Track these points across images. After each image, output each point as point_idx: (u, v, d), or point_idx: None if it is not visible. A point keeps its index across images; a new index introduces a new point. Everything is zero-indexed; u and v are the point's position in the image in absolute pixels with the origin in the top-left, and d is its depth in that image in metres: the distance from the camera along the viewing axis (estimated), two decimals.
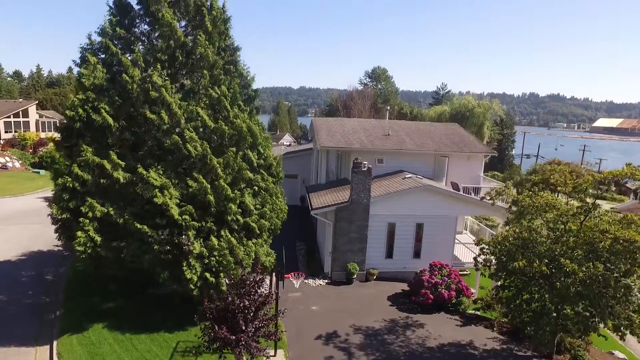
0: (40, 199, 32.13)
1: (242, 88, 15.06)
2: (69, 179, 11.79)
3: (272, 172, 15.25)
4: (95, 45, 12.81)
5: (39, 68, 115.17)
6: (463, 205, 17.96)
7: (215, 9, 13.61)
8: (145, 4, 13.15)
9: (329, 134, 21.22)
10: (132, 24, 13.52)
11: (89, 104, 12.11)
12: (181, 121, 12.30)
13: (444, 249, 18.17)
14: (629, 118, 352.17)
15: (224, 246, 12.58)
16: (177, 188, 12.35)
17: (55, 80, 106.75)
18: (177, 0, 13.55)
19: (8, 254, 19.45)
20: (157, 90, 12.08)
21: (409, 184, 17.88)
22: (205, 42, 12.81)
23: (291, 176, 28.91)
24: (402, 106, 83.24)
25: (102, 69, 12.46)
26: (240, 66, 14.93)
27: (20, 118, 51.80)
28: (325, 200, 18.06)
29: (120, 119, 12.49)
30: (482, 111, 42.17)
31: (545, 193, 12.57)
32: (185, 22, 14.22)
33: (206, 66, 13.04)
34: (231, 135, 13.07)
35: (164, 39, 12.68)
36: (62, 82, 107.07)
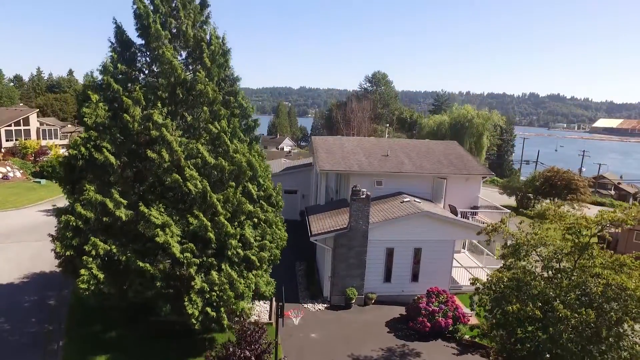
0: (42, 212, 32.32)
1: (242, 118, 15.27)
2: (72, 218, 11.99)
3: (272, 202, 15.47)
4: (97, 82, 13.00)
5: (39, 71, 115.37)
6: (460, 230, 18.16)
7: (214, 44, 13.80)
8: (146, 39, 13.37)
9: (328, 155, 21.41)
10: (134, 58, 13.72)
11: (91, 142, 12.32)
12: (181, 158, 12.49)
13: (442, 272, 18.39)
14: (629, 118, 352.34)
15: (224, 281, 12.78)
16: (178, 225, 12.55)
17: (55, 83, 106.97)
18: (177, 35, 13.81)
19: (11, 276, 19.65)
20: (158, 129, 12.28)
21: (407, 209, 18.08)
22: (205, 78, 13.00)
23: (291, 191, 29.15)
24: (402, 110, 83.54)
25: (103, 106, 12.65)
26: (240, 96, 15.14)
27: (21, 126, 52.00)
28: (325, 225, 18.26)
29: (121, 155, 12.70)
30: (481, 122, 42.33)
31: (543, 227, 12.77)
32: (186, 54, 14.45)
33: (206, 102, 13.23)
34: (231, 170, 13.27)
35: (164, 75, 12.87)
36: (63, 85, 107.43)
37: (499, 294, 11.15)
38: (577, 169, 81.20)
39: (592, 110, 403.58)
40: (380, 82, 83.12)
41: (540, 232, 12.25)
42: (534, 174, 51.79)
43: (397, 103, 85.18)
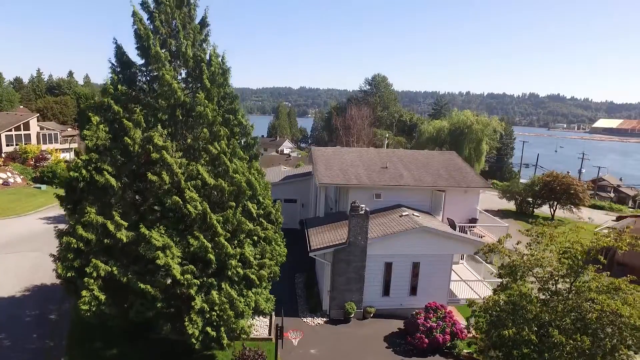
0: (42, 220, 32.44)
1: (242, 136, 15.39)
2: (73, 240, 12.10)
3: (272, 219, 15.59)
4: (97, 104, 13.12)
5: (39, 72, 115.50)
6: (458, 244, 18.29)
7: (214, 64, 13.90)
8: (146, 59, 13.48)
9: (328, 167, 21.53)
10: (134, 79, 13.83)
11: (92, 165, 12.43)
12: (182, 180, 12.60)
13: (440, 286, 18.52)
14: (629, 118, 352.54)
15: (224, 300, 12.90)
16: (179, 246, 12.66)
17: (55, 85, 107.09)
18: (177, 54, 13.92)
19: (12, 289, 19.77)
20: (158, 152, 12.39)
21: (406, 223, 18.20)
22: (204, 100, 13.10)
23: (290, 200, 29.28)
24: (401, 113, 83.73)
25: (104, 127, 12.76)
26: (240, 114, 15.25)
27: (21, 131, 52.15)
28: (324, 240, 18.38)
29: (122, 176, 12.81)
30: (480, 127, 42.43)
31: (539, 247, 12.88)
32: (185, 73, 14.55)
33: (205, 123, 13.34)
34: (231, 191, 13.38)
35: (164, 97, 12.98)
36: (63, 86, 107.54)
37: (494, 317, 11.27)
38: (577, 170, 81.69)
39: (592, 110, 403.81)
40: (380, 84, 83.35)
41: (536, 254, 12.38)
42: (533, 179, 51.95)
43: (397, 106, 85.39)
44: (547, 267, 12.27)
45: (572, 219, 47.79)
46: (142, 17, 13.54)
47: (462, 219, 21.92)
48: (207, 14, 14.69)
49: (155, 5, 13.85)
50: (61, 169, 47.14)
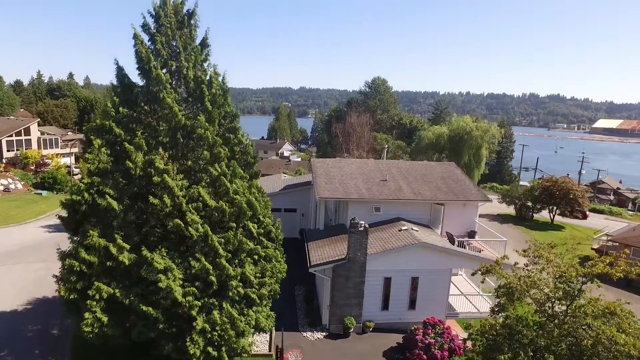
0: (44, 228, 32.58)
1: (242, 155, 15.54)
2: (76, 263, 12.26)
3: (272, 237, 15.75)
4: (99, 126, 13.26)
5: (39, 74, 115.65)
6: (457, 259, 18.44)
7: (214, 86, 14.04)
8: (148, 80, 13.63)
9: (327, 181, 21.66)
10: (135, 100, 13.96)
11: (94, 188, 12.58)
12: (183, 203, 12.74)
13: (439, 300, 18.67)
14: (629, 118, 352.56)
15: (225, 320, 13.07)
16: (180, 267, 12.81)
17: (55, 87, 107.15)
18: (178, 76, 14.06)
19: (14, 303, 19.92)
20: (160, 175, 12.54)
21: (405, 239, 18.35)
22: (205, 123, 13.26)
23: (290, 210, 29.43)
24: (401, 116, 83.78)
25: (105, 150, 12.92)
26: (240, 134, 15.40)
27: (22, 136, 52.25)
28: (323, 255, 18.53)
29: (124, 199, 12.96)
30: (480, 134, 42.56)
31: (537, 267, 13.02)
32: (186, 93, 14.70)
33: (206, 145, 13.48)
34: (232, 212, 13.53)
35: (165, 119, 13.13)
36: (63, 88, 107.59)
37: (491, 341, 11.42)
38: (577, 172, 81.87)
39: (592, 110, 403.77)
40: (380, 87, 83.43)
41: (533, 275, 12.53)
42: (533, 184, 52.08)
43: (396, 108, 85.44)
44: (544, 289, 12.43)
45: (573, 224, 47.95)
46: (143, 39, 13.72)
47: (461, 231, 22.07)
48: (207, 35, 14.87)
49: (156, 26, 14.03)
50: (62, 174, 47.36)
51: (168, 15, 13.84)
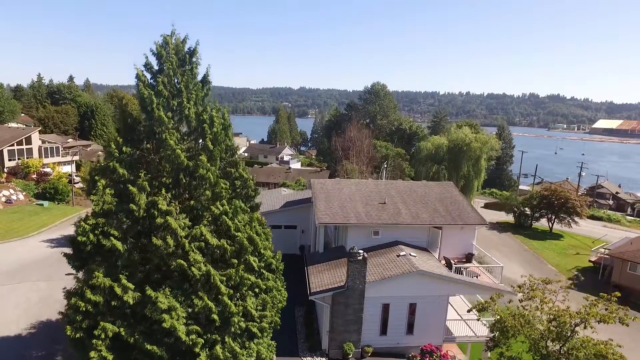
0: (46, 243, 32.86)
1: (243, 188, 15.81)
2: (82, 303, 12.54)
3: (272, 269, 16.05)
4: (103, 166, 13.54)
5: (39, 77, 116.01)
6: (454, 285, 18.73)
7: (216, 125, 14.29)
8: (150, 120, 13.89)
9: (327, 204, 21.94)
10: (139, 139, 14.22)
11: (99, 229, 12.86)
12: (186, 244, 13.02)
13: (436, 325, 18.98)
14: (629, 119, 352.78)
15: (228, 355, 13.38)
16: (184, 305, 13.10)
17: (55, 90, 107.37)
18: (180, 115, 14.32)
19: (18, 326, 20.22)
20: (163, 216, 12.82)
21: (403, 266, 18.64)
22: (207, 164, 13.52)
23: (290, 227, 29.75)
24: (401, 121, 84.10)
25: (109, 191, 13.19)
26: (241, 167, 15.68)
27: (23, 145, 52.49)
28: (323, 281, 18.83)
29: (128, 238, 13.24)
30: (478, 145, 42.82)
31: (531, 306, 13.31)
32: (188, 130, 14.94)
33: (208, 185, 13.75)
34: (233, 250, 13.82)
35: (168, 161, 13.40)
36: (63, 91, 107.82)
37: None
38: (577, 174, 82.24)
39: (592, 110, 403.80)
40: (380, 93, 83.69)
41: (527, 314, 12.82)
42: (532, 192, 52.39)
43: (396, 113, 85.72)
44: (539, 327, 12.73)
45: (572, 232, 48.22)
46: (146, 79, 13.99)
47: (458, 253, 22.36)
48: (208, 71, 15.15)
49: (158, 64, 14.30)
50: (63, 184, 47.64)
51: (170, 54, 14.11)
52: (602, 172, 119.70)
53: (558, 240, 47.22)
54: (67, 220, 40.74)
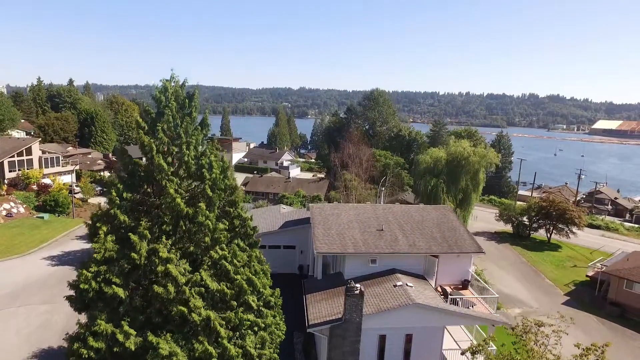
0: (47, 260, 33.06)
1: (241, 228, 16.07)
2: (85, 351, 12.81)
3: (271, 305, 16.33)
4: (104, 213, 13.79)
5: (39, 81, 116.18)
6: (449, 317, 19.01)
7: (214, 171, 14.54)
8: (150, 167, 14.14)
9: (325, 231, 22.20)
10: (140, 184, 14.47)
11: (101, 276, 13.12)
12: (186, 290, 13.27)
13: (433, 354, 19.27)
14: (629, 119, 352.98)
15: None
16: (185, 350, 13.36)
17: (55, 93, 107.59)
18: (180, 161, 14.57)
19: (19, 354, 20.46)
20: (163, 264, 13.09)
21: (400, 297, 18.91)
22: (206, 211, 13.78)
23: (289, 247, 30.00)
24: (400, 128, 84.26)
25: (111, 238, 13.45)
26: (240, 207, 15.94)
27: (24, 156, 52.67)
28: (321, 312, 19.10)
29: (129, 284, 13.49)
30: (477, 159, 43.01)
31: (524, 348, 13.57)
32: (187, 175, 15.14)
33: (207, 230, 14.01)
34: (232, 293, 14.09)
35: (168, 209, 13.66)
36: (63, 95, 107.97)
37: None
38: (576, 178, 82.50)
39: (592, 111, 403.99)
40: (379, 99, 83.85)
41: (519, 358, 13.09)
42: (530, 203, 52.67)
43: (395, 120, 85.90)
44: None
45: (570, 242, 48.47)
46: (145, 125, 14.24)
47: (454, 280, 22.64)
48: (207, 114, 15.40)
49: (157, 109, 14.56)
50: (63, 196, 47.85)
51: (169, 100, 14.36)
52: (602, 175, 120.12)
53: (556, 252, 47.42)
54: (67, 234, 41.02)
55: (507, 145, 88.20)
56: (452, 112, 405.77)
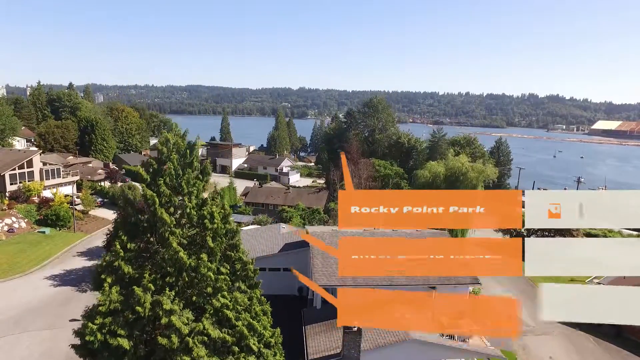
0: (48, 281, 33.28)
1: (242, 271, 16.40)
2: None
3: (271, 345, 16.68)
4: (108, 263, 14.12)
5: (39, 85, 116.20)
6: (446, 351, 19.38)
7: (216, 221, 14.84)
8: (153, 218, 14.45)
9: (324, 262, 22.55)
10: (143, 237, 14.80)
11: (106, 328, 13.45)
12: (190, 340, 13.62)
13: None
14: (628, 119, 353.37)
15: None
16: None
17: (55, 98, 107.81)
18: (182, 212, 14.90)
19: None
20: (167, 316, 13.42)
21: (398, 333, 19.26)
22: (208, 263, 14.11)
23: (289, 269, 30.35)
24: (399, 135, 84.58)
25: (116, 289, 13.78)
26: (241, 251, 16.28)
27: (24, 169, 52.89)
28: (320, 345, 19.49)
29: (134, 333, 13.84)
30: (475, 175, 43.41)
31: None
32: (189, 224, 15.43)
33: (209, 280, 14.34)
34: (234, 340, 14.45)
35: (171, 261, 13.98)
36: (63, 99, 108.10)
37: None
38: (576, 180, 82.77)
39: (591, 111, 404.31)
40: (378, 107, 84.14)
41: None
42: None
43: (395, 127, 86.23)
44: None
45: None
46: (148, 178, 14.55)
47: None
48: (207, 166, 15.74)
49: (159, 160, 14.88)
50: (64, 210, 48.14)
51: (171, 151, 14.67)
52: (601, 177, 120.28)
53: None
54: (68, 249, 41.35)
55: (505, 152, 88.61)
56: (451, 113, 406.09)
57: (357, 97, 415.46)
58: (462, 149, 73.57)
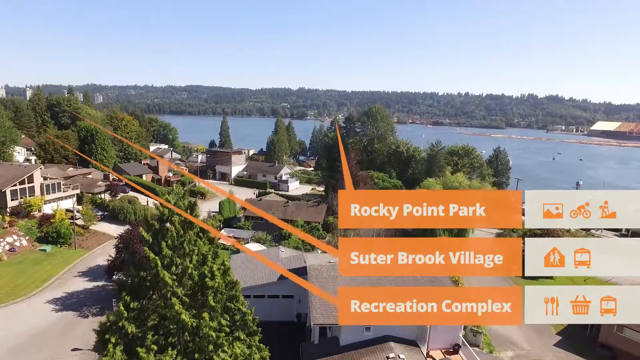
0: (50, 305, 33.52)
1: (242, 321, 16.88)
2: None
3: None
4: (112, 322, 14.59)
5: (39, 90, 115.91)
6: None
7: (217, 279, 15.29)
8: (155, 278, 14.90)
9: (321, 301, 23.00)
10: (145, 295, 15.25)
11: None
12: None
13: None
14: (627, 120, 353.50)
15: None
16: None
17: (55, 103, 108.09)
18: (183, 272, 15.35)
19: None
20: None
21: None
22: (209, 322, 14.58)
23: (288, 296, 30.88)
24: (398, 144, 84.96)
25: (120, 348, 14.25)
26: (240, 302, 16.75)
27: (25, 184, 53.21)
28: None
29: None
30: None
31: None
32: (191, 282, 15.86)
33: (211, 338, 14.81)
34: None
35: (173, 321, 14.45)
36: (63, 104, 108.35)
37: None
38: (575, 183, 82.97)
39: (591, 111, 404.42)
40: (377, 116, 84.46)
41: None
42: (524, 230, 53.59)
43: (394, 136, 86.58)
44: None
45: None
46: (150, 239, 15.00)
47: (446, 344, 23.50)
48: (208, 216, 16.12)
49: (160, 218, 15.33)
50: (65, 227, 48.48)
51: (173, 213, 15.11)
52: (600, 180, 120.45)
53: (550, 280, 48.28)
54: (69, 269, 41.71)
55: (504, 161, 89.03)
56: (451, 113, 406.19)
57: (356, 98, 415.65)
58: (461, 159, 73.99)
